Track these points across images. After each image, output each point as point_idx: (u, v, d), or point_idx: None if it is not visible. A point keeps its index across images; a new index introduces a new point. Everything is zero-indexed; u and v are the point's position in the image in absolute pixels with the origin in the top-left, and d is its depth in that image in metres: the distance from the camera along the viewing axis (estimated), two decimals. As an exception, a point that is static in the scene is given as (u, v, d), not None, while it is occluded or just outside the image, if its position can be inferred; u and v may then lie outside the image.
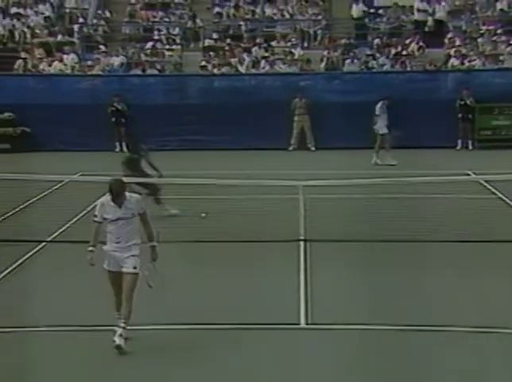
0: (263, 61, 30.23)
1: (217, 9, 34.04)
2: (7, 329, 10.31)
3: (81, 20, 33.82)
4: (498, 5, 32.90)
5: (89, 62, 30.46)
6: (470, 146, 27.21)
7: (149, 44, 31.78)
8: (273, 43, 31.94)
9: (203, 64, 29.99)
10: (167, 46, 32.00)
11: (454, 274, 12.59)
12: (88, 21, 33.95)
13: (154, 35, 32.76)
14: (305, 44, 32.63)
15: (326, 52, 31.00)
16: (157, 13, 34.15)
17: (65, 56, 30.46)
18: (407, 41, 31.48)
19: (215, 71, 29.75)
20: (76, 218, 16.24)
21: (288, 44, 31.93)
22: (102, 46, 31.75)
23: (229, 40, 31.94)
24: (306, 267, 12.94)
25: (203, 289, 11.90)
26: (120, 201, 9.48)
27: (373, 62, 30.03)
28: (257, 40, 31.93)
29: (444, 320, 10.39)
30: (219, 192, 17.71)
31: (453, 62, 29.67)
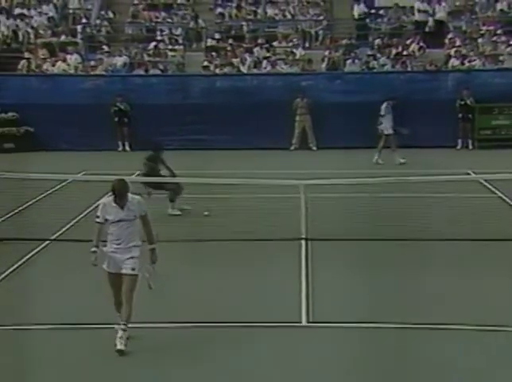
0: (265, 61, 30.24)
1: (219, 10, 34.06)
2: (9, 327, 10.32)
3: (84, 20, 33.84)
4: (498, 6, 32.92)
5: (92, 62, 30.47)
6: (470, 146, 27.20)
7: (151, 45, 31.77)
8: (275, 43, 31.95)
9: (206, 64, 30.00)
10: (169, 46, 32.01)
11: (454, 272, 12.58)
12: (91, 22, 33.95)
13: (157, 35, 32.76)
14: (307, 44, 32.63)
15: (327, 52, 30.99)
16: (160, 13, 34.16)
17: (68, 56, 30.49)
18: (408, 42, 31.48)
19: (217, 71, 29.75)
20: (79, 217, 16.25)
21: (290, 44, 31.93)
22: (105, 46, 31.76)
23: (231, 40, 31.95)
24: (307, 266, 12.94)
25: (204, 288, 11.90)
26: (123, 203, 9.38)
27: (374, 62, 30.02)
28: (259, 40, 31.95)
29: (444, 318, 10.39)
30: (220, 192, 17.71)
31: (453, 62, 29.67)
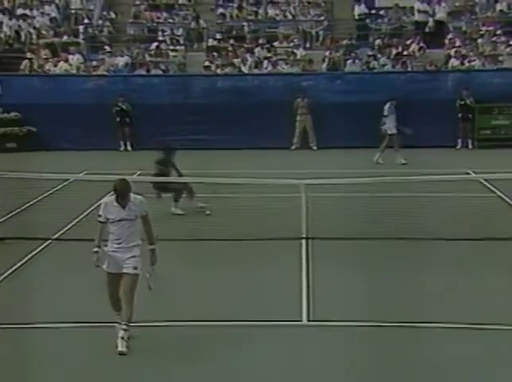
0: (266, 61, 30.25)
1: (220, 10, 34.06)
2: (11, 325, 10.32)
3: (86, 21, 33.84)
4: (498, 7, 32.91)
5: (94, 62, 30.49)
6: (470, 146, 27.19)
7: (153, 45, 31.79)
8: (276, 43, 31.97)
9: (207, 64, 30.01)
10: (171, 47, 32.02)
11: (454, 271, 12.58)
12: (93, 22, 33.97)
13: (158, 36, 32.78)
14: (307, 44, 32.63)
15: (328, 52, 30.99)
16: (161, 14, 34.18)
17: (70, 56, 30.49)
18: (408, 42, 31.49)
19: (219, 71, 29.76)
20: (81, 216, 16.24)
21: (291, 44, 31.93)
22: (107, 47, 31.77)
23: (232, 40, 31.96)
24: (308, 265, 12.93)
25: (205, 287, 11.88)
26: (124, 202, 9.33)
27: (374, 62, 30.03)
28: (260, 40, 31.96)
29: (444, 317, 10.38)
30: (221, 191, 17.70)
31: (453, 62, 29.67)
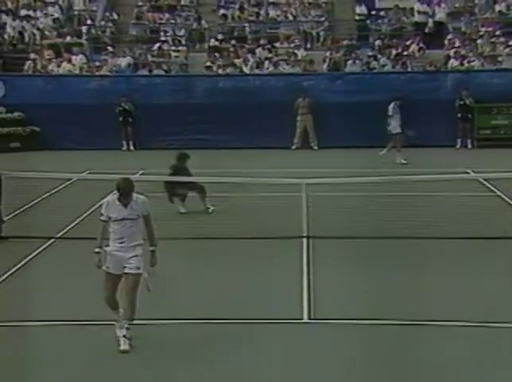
0: (267, 62, 30.25)
1: (222, 11, 34.06)
2: (14, 323, 10.32)
3: (89, 22, 33.85)
4: (497, 7, 32.90)
5: (97, 63, 30.49)
6: (469, 145, 27.20)
7: (155, 46, 31.84)
8: (277, 44, 31.97)
9: (209, 64, 30.02)
10: (173, 47, 32.02)
11: (454, 270, 12.57)
12: (96, 23, 33.97)
13: (161, 36, 32.79)
14: (308, 45, 32.64)
15: (328, 53, 30.98)
16: (164, 15, 34.18)
17: (74, 57, 30.50)
18: (408, 42, 31.49)
19: (220, 71, 29.77)
20: (84, 215, 16.24)
21: (292, 45, 31.94)
22: (109, 47, 31.77)
23: (233, 41, 31.96)
24: (309, 264, 12.92)
25: (206, 285, 11.85)
26: (127, 201, 9.26)
27: (374, 63, 30.03)
28: (261, 41, 31.95)
29: (444, 315, 10.37)
30: (222, 190, 17.69)
31: (453, 63, 29.67)
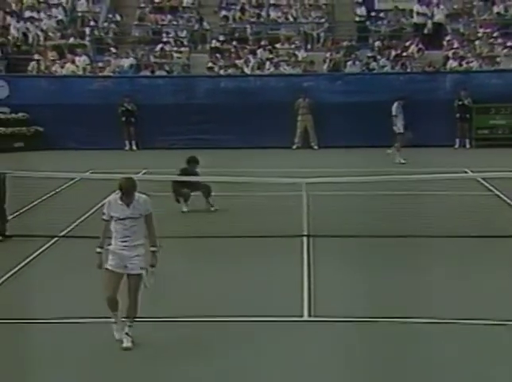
0: (268, 63, 30.25)
1: (223, 13, 34.04)
2: (18, 321, 10.31)
3: (92, 23, 33.84)
4: (495, 9, 32.86)
5: (100, 64, 30.51)
6: (467, 145, 27.21)
7: (157, 47, 31.82)
8: (278, 45, 31.95)
9: (210, 65, 30.03)
10: (175, 48, 32.00)
11: (454, 268, 12.56)
12: (99, 24, 33.95)
13: (163, 37, 32.75)
14: (308, 46, 32.63)
15: (328, 53, 30.99)
16: (166, 16, 34.16)
17: (77, 58, 30.51)
18: (407, 43, 31.46)
19: (222, 72, 29.78)
20: (87, 214, 16.23)
21: (292, 46, 31.93)
22: (112, 48, 31.78)
23: (235, 42, 31.94)
24: (309, 262, 12.91)
25: (207, 283, 11.83)
26: (129, 201, 9.20)
27: (374, 63, 30.04)
28: (262, 42, 31.92)
29: (443, 313, 10.35)
30: (224, 189, 17.67)
31: (451, 64, 29.67)
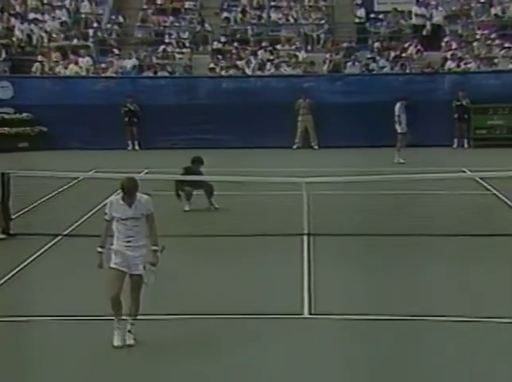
0: (269, 64, 30.24)
1: (225, 14, 34.00)
2: (22, 318, 10.30)
3: (96, 24, 33.79)
4: (493, 11, 32.82)
5: (103, 65, 30.50)
6: (466, 145, 27.19)
7: (160, 48, 31.80)
8: (278, 46, 31.93)
9: (212, 66, 30.01)
10: (177, 49, 31.98)
11: (451, 266, 12.54)
12: (102, 26, 33.91)
13: (165, 39, 32.72)
14: (309, 47, 32.59)
15: (328, 55, 30.96)
16: (168, 18, 34.12)
17: (80, 59, 30.49)
18: (406, 45, 31.43)
19: (223, 73, 29.77)
20: (90, 213, 16.20)
21: (293, 47, 31.90)
22: (115, 49, 31.79)
23: (236, 43, 31.92)
24: (309, 260, 12.89)
25: (208, 281, 11.82)
26: (131, 201, 9.14)
27: (373, 64, 30.03)
28: (263, 43, 31.90)
29: (442, 310, 10.33)
30: (225, 189, 17.65)
31: (450, 65, 29.65)
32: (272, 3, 34.42)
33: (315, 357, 8.96)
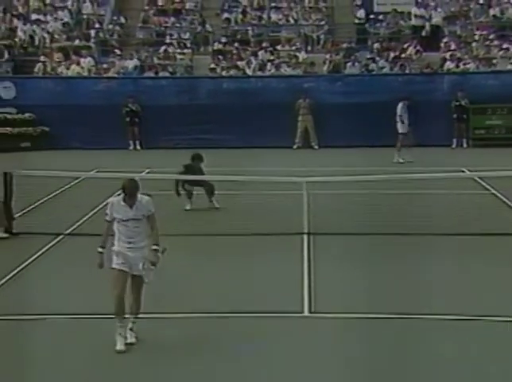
0: (269, 64, 30.22)
1: (226, 15, 33.97)
2: (25, 316, 10.28)
3: (97, 25, 33.77)
4: (491, 12, 32.79)
5: (105, 65, 30.47)
6: (464, 145, 27.18)
7: (161, 48, 31.78)
8: (279, 47, 31.90)
9: (213, 66, 29.97)
10: (178, 50, 31.96)
11: (450, 265, 12.52)
12: (104, 27, 33.88)
13: (166, 39, 32.69)
14: (309, 48, 32.54)
15: (328, 55, 30.93)
16: (169, 18, 34.08)
17: (82, 59, 30.47)
18: (405, 45, 31.39)
19: (224, 73, 29.74)
20: (92, 212, 16.18)
21: (293, 48, 31.87)
22: (117, 50, 31.76)
23: (237, 44, 31.88)
24: (309, 259, 12.87)
25: (208, 280, 11.80)
26: (132, 202, 9.11)
27: (373, 65, 30.00)
28: (264, 44, 31.86)
29: (442, 309, 10.31)
30: (226, 188, 17.63)
31: (449, 65, 29.62)
32: (272, 4, 34.40)
33: (315, 356, 8.93)
